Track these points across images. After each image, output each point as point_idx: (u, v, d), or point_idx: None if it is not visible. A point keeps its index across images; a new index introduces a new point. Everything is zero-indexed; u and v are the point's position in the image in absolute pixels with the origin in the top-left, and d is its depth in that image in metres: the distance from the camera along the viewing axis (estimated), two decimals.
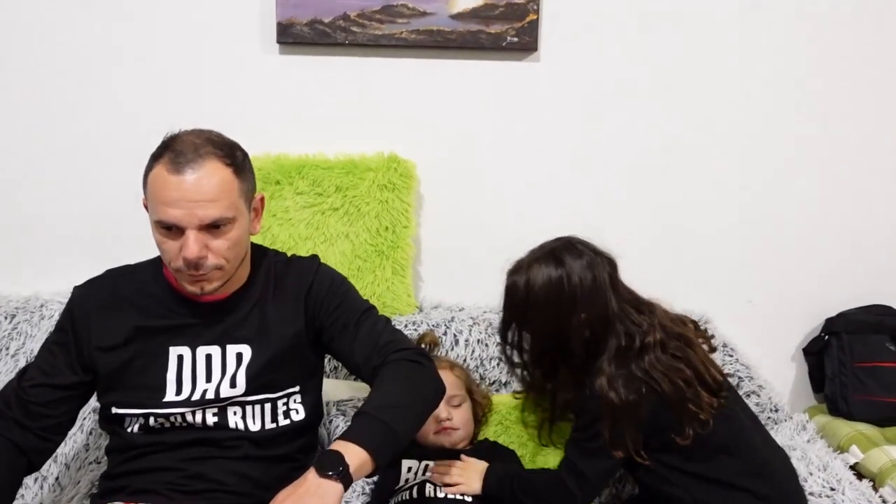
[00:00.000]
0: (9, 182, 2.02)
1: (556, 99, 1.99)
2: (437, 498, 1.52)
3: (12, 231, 2.04)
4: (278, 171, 1.92)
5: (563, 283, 1.47)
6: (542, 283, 1.48)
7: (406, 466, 1.62)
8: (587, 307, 1.47)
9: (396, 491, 1.58)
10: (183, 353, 1.43)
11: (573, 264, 1.48)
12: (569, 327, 1.47)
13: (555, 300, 1.47)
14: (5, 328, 1.87)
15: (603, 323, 1.47)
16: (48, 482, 1.76)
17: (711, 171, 2.04)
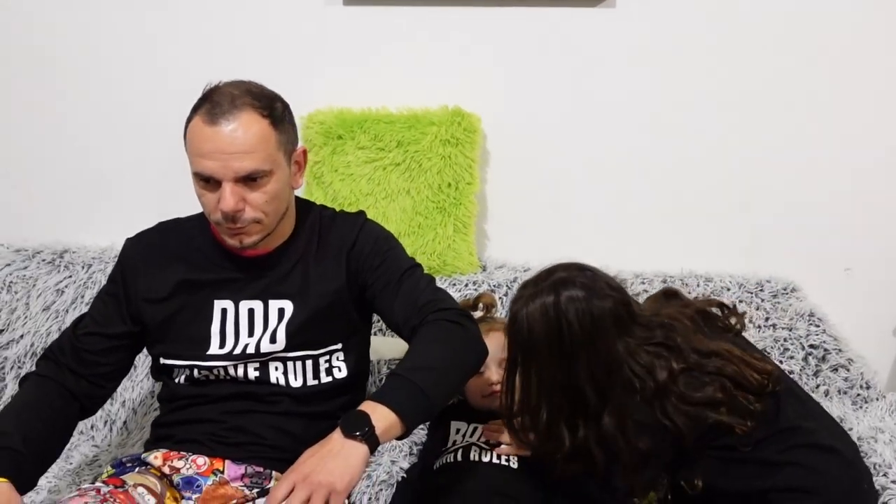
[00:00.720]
0: (85, 136, 2.09)
1: (632, 50, 1.86)
2: (480, 462, 1.48)
3: (90, 184, 2.11)
4: (340, 126, 1.89)
5: (562, 325, 1.32)
6: (539, 321, 1.33)
7: (455, 428, 1.58)
8: (588, 353, 1.32)
9: (443, 452, 1.54)
10: (227, 307, 1.43)
11: (569, 305, 1.32)
12: (575, 375, 1.33)
13: (556, 342, 1.33)
14: (82, 277, 1.95)
15: (607, 370, 1.32)
16: (116, 425, 1.83)
17: (804, 130, 1.86)
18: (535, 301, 1.34)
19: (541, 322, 1.33)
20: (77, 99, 2.08)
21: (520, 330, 1.36)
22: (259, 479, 1.39)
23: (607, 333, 1.32)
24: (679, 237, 1.93)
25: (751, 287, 1.83)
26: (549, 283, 1.35)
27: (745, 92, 1.84)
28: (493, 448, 1.49)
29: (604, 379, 1.32)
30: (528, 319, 1.34)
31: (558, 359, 1.33)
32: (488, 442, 1.51)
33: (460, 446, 1.52)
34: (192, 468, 1.38)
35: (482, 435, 1.53)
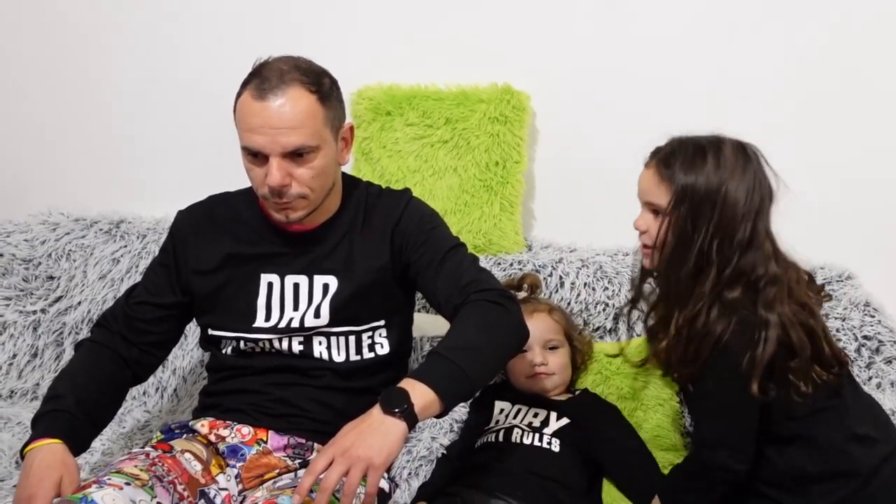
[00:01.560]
0: (143, 111, 2.14)
1: (688, 26, 1.81)
2: (522, 444, 1.48)
3: (147, 155, 2.16)
4: (389, 102, 1.90)
5: (721, 187, 1.28)
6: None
7: (499, 408, 1.59)
8: (723, 221, 1.28)
9: (485, 431, 1.55)
10: (273, 281, 1.45)
11: (735, 171, 1.30)
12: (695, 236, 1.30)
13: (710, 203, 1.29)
14: (136, 247, 2.00)
15: (729, 245, 1.29)
16: (167, 392, 1.89)
17: (863, 110, 1.79)
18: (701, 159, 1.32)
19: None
20: (135, 71, 2.13)
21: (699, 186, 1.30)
22: (301, 450, 1.41)
23: (751, 213, 1.31)
24: None
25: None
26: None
27: (806, 70, 1.78)
28: (535, 431, 1.49)
29: (726, 253, 1.30)
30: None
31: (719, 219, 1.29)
32: (531, 425, 1.51)
33: (503, 427, 1.53)
34: (237, 437, 1.41)
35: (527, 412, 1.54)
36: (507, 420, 1.55)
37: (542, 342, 1.59)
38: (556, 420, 1.52)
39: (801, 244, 1.81)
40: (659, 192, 1.33)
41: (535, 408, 1.56)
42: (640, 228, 1.39)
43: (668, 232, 1.32)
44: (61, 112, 2.23)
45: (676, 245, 1.31)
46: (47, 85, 2.21)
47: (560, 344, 1.62)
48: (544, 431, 1.50)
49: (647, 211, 1.37)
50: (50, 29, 2.16)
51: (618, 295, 1.78)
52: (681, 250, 1.31)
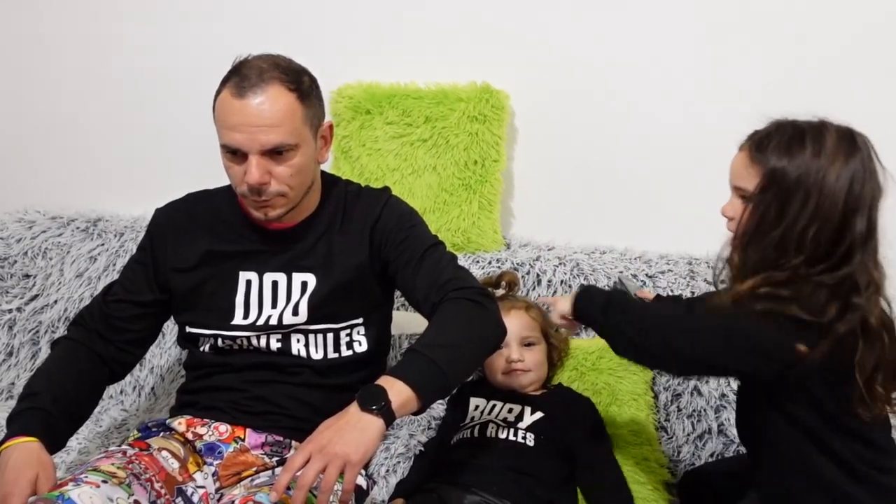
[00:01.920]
0: (121, 109, 2.13)
1: (666, 26, 1.82)
2: (497, 438, 1.49)
3: (125, 153, 2.15)
4: (369, 101, 1.90)
5: (819, 174, 1.19)
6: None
7: (474, 404, 1.60)
8: (821, 212, 1.19)
9: (460, 428, 1.56)
10: (251, 279, 1.45)
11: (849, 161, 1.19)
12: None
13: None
14: (114, 245, 1.99)
15: (828, 239, 1.19)
16: (144, 391, 1.88)
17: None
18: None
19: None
20: (113, 69, 2.12)
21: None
22: (279, 447, 1.41)
23: (862, 206, 1.20)
24: (707, 221, 1.89)
25: None
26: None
27: (788, 68, 1.79)
28: (510, 426, 1.51)
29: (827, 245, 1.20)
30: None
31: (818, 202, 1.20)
32: (506, 420, 1.52)
33: (478, 423, 1.54)
34: (215, 435, 1.41)
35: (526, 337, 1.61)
36: (483, 416, 1.56)
37: (519, 339, 1.60)
38: (531, 414, 1.53)
39: None
40: (748, 175, 1.25)
41: (510, 403, 1.56)
42: (727, 215, 1.30)
43: (750, 217, 1.24)
44: (37, 110, 2.22)
45: (755, 232, 1.23)
46: (22, 83, 2.20)
47: (537, 341, 1.63)
48: (519, 426, 1.50)
49: (736, 196, 1.29)
50: (22, 28, 2.15)
51: None
52: (759, 238, 1.22)
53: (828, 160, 1.19)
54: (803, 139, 1.21)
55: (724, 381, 1.69)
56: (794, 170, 1.20)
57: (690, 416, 1.68)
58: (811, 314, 1.17)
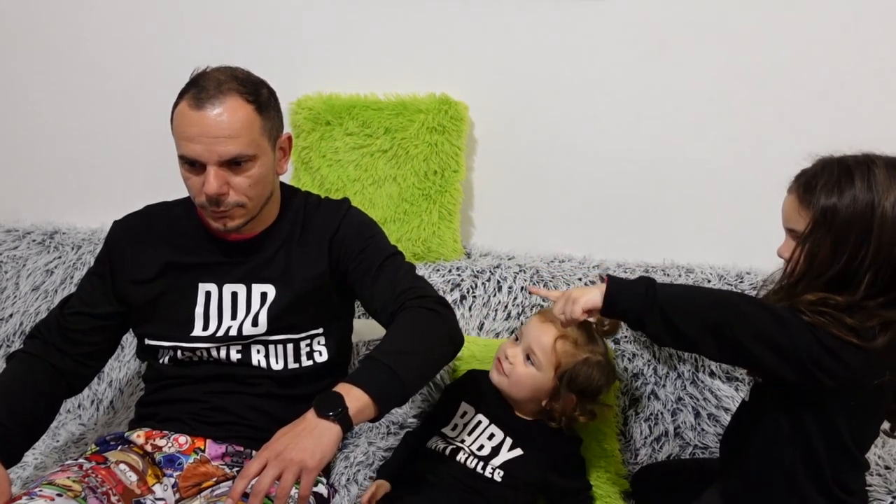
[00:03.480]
0: (77, 119, 2.10)
1: (620, 41, 1.86)
2: (465, 466, 1.46)
3: (81, 165, 2.13)
4: (329, 112, 1.91)
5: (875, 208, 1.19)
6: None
7: (462, 410, 1.54)
8: (882, 245, 1.20)
9: (440, 433, 1.52)
10: (210, 290, 1.45)
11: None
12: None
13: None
14: (71, 258, 1.97)
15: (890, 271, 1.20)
16: (103, 405, 1.86)
17: (786, 124, 1.86)
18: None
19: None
20: (69, 81, 2.10)
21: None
22: (239, 458, 1.42)
23: None
24: (661, 228, 1.94)
25: (730, 279, 1.84)
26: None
27: (732, 85, 1.84)
28: (481, 460, 1.47)
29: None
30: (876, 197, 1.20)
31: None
32: (480, 449, 1.48)
33: (454, 444, 1.50)
34: (174, 447, 1.41)
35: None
36: (461, 434, 1.51)
37: (525, 347, 1.49)
38: (508, 450, 1.48)
39: (729, 251, 1.91)
40: (799, 217, 1.25)
41: (495, 426, 1.51)
42: (783, 255, 1.30)
43: (805, 258, 1.24)
44: None
45: (808, 271, 1.24)
46: None
47: (539, 366, 1.47)
48: (491, 462, 1.47)
49: (790, 238, 1.29)
50: None
51: None
52: (813, 276, 1.23)
53: (880, 193, 1.19)
54: (852, 175, 1.21)
55: (681, 384, 1.72)
56: (846, 207, 1.20)
57: (647, 420, 1.71)
58: (862, 340, 1.19)
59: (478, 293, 1.83)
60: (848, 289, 1.21)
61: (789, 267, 1.28)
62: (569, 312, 1.32)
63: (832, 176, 1.23)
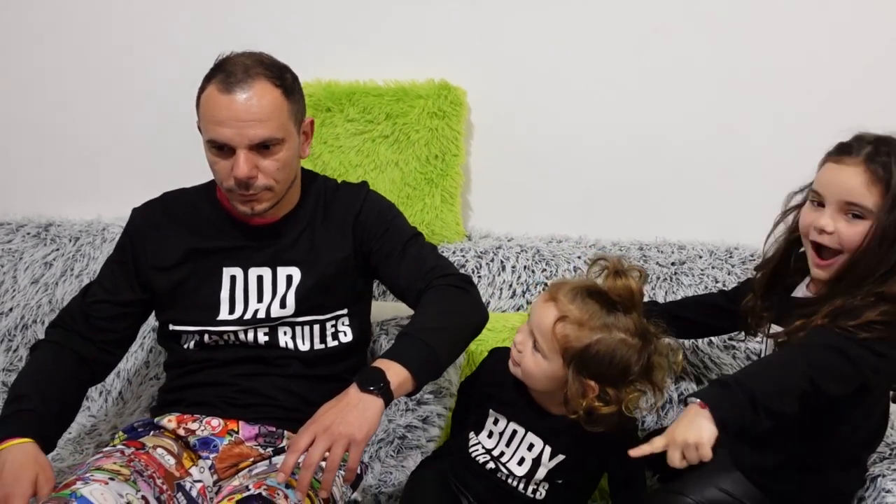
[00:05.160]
0: (72, 112, 2.09)
1: (612, 25, 1.92)
2: (508, 484, 1.40)
3: (76, 157, 2.11)
4: (329, 98, 1.93)
5: None
6: None
7: (493, 418, 1.42)
8: None
9: (478, 444, 1.43)
10: (235, 274, 1.47)
11: None
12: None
13: None
14: (70, 250, 1.95)
15: None
16: (112, 396, 1.86)
17: (772, 104, 1.96)
18: None
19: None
20: (58, 73, 2.07)
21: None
22: (272, 438, 1.43)
23: None
24: (654, 208, 2.01)
25: (720, 254, 1.92)
26: None
27: (721, 69, 1.92)
28: (523, 479, 1.39)
29: None
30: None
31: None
32: (522, 463, 1.39)
33: (493, 458, 1.41)
34: (207, 429, 1.42)
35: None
36: (499, 446, 1.41)
37: (532, 332, 1.34)
38: (549, 459, 1.37)
39: (719, 227, 2.00)
40: (869, 194, 1.24)
41: (532, 433, 1.38)
42: (828, 230, 1.28)
43: (874, 237, 1.23)
44: None
45: (883, 248, 1.24)
46: None
47: (545, 354, 1.32)
48: (534, 478, 1.38)
49: (840, 212, 1.28)
50: None
51: (555, 275, 1.88)
52: (878, 257, 1.24)
53: None
54: None
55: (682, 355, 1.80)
56: None
57: None
58: None
59: (482, 273, 1.88)
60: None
61: (860, 249, 1.26)
62: (702, 456, 1.15)
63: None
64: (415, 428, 1.66)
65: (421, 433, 1.65)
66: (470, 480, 1.44)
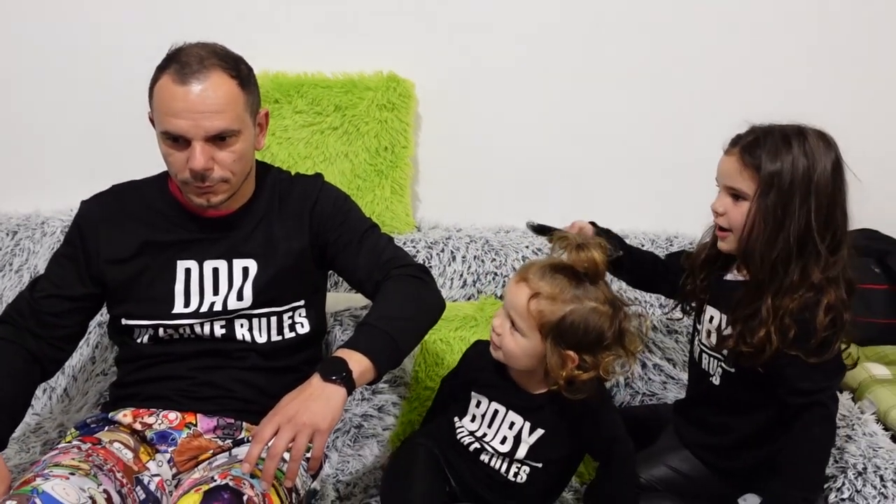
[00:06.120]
0: (8, 101, 2.02)
1: (558, 17, 1.98)
2: (490, 467, 1.44)
3: (12, 150, 2.04)
4: (277, 90, 1.92)
5: (812, 173, 1.34)
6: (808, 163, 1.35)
7: (475, 400, 1.47)
8: (820, 206, 1.34)
9: (462, 426, 1.48)
10: (190, 267, 1.45)
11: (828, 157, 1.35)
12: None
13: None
14: (7, 244, 1.90)
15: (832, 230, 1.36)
16: (56, 393, 1.82)
17: (713, 96, 2.04)
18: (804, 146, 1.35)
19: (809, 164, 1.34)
20: None
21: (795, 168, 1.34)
22: (230, 430, 1.43)
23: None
24: (598, 198, 2.08)
25: (661, 242, 2.00)
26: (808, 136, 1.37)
27: (659, 63, 2.00)
28: (505, 458, 1.43)
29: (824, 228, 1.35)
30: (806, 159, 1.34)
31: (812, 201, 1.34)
32: (504, 441, 1.43)
33: (477, 439, 1.45)
34: (165, 423, 1.41)
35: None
36: (482, 427, 1.45)
37: (508, 314, 1.38)
38: (529, 434, 1.42)
39: (658, 217, 2.07)
40: (742, 178, 1.37)
41: (512, 412, 1.43)
42: (718, 211, 1.42)
43: (755, 219, 1.35)
44: None
45: (767, 231, 1.34)
46: None
47: (523, 332, 1.36)
48: (515, 456, 1.42)
49: (727, 195, 1.41)
50: None
51: (505, 265, 1.92)
52: (772, 236, 1.34)
53: (815, 159, 1.34)
54: (790, 142, 1.35)
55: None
56: (788, 172, 1.33)
57: None
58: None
59: (433, 263, 1.91)
60: (806, 248, 1.35)
61: (745, 230, 1.38)
62: None
63: (773, 142, 1.36)
64: (371, 417, 1.68)
65: (377, 422, 1.67)
66: (455, 461, 1.47)
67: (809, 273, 1.35)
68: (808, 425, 1.36)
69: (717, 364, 1.49)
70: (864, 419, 1.57)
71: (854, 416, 1.57)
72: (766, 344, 1.35)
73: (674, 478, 1.51)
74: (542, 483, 1.46)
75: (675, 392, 1.78)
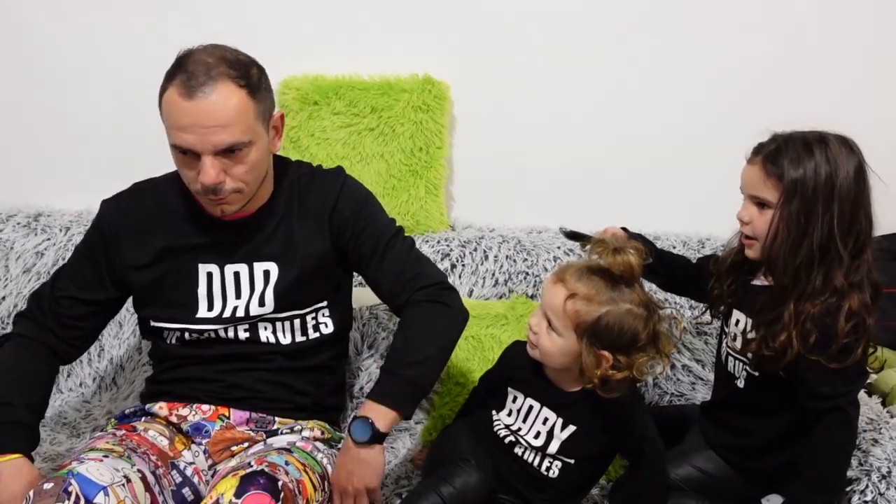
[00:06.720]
0: (58, 104, 2.11)
1: (594, 16, 1.98)
2: (524, 460, 1.48)
3: (68, 148, 2.14)
4: (316, 92, 1.98)
5: (834, 179, 1.34)
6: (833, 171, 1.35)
7: (511, 395, 1.51)
8: (843, 213, 1.35)
9: (499, 419, 1.52)
10: (212, 271, 1.44)
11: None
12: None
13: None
14: (61, 240, 1.99)
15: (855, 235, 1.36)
16: (105, 382, 1.90)
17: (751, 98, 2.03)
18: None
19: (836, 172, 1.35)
20: (45, 62, 2.10)
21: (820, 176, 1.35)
22: (263, 423, 1.47)
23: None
24: (630, 200, 2.08)
25: (693, 245, 1.99)
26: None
27: (695, 67, 1.99)
28: (538, 452, 1.47)
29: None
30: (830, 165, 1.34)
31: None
32: (538, 436, 1.47)
33: (512, 433, 1.49)
34: (199, 415, 1.45)
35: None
36: (517, 422, 1.49)
37: (545, 314, 1.42)
38: (562, 430, 1.45)
39: (692, 219, 2.07)
40: (766, 187, 1.37)
41: (546, 408, 1.46)
42: (744, 220, 1.43)
43: (778, 226, 1.36)
44: None
45: (791, 238, 1.35)
46: None
47: (559, 332, 1.39)
48: (547, 451, 1.46)
49: (752, 204, 1.41)
50: None
51: (536, 265, 1.94)
52: (795, 242, 1.35)
53: (838, 165, 1.34)
54: (811, 149, 1.35)
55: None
56: (812, 178, 1.33)
57: None
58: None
59: (466, 262, 1.95)
60: (828, 255, 1.35)
61: (769, 237, 1.38)
62: None
63: (795, 150, 1.37)
64: None
65: None
66: (492, 452, 1.50)
67: (832, 278, 1.35)
68: (828, 430, 1.36)
69: (741, 367, 1.49)
70: (892, 423, 1.55)
71: (882, 420, 1.56)
72: (788, 348, 1.36)
73: (699, 477, 1.53)
74: (574, 479, 1.49)
75: (703, 393, 1.78)
